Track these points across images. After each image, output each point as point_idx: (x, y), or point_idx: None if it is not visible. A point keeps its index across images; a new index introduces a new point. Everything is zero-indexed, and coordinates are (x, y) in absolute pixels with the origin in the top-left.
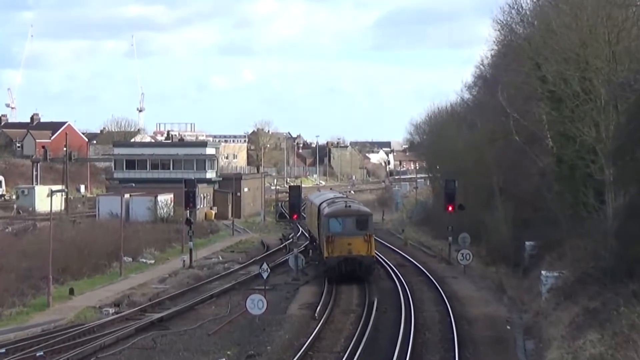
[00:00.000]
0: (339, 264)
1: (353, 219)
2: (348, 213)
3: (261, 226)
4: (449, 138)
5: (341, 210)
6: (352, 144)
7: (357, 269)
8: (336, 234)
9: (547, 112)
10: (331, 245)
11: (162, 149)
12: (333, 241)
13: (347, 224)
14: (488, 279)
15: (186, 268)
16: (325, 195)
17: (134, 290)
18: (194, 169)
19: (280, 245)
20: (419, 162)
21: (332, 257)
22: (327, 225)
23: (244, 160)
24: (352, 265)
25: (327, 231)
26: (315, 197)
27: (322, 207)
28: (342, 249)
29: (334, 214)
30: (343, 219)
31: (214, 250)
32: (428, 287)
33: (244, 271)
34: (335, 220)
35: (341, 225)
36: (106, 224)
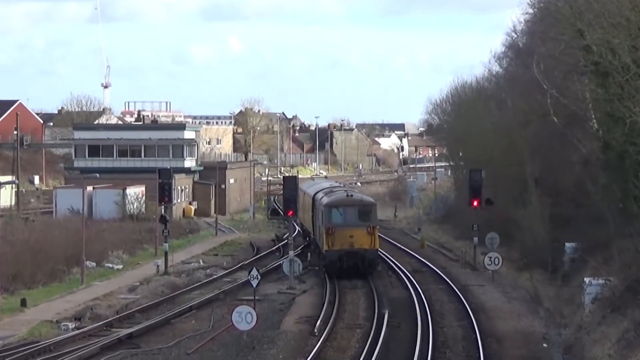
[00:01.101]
0: (340, 258)
1: (355, 209)
2: (350, 203)
3: (250, 224)
4: (475, 119)
5: (342, 199)
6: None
7: (359, 264)
8: (337, 226)
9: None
10: (331, 237)
11: (132, 133)
12: (333, 233)
13: (349, 214)
14: (521, 287)
15: (160, 274)
16: (320, 184)
17: (99, 301)
18: (170, 156)
19: (272, 247)
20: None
21: (332, 250)
22: (327, 215)
23: (230, 145)
24: (354, 259)
25: (328, 222)
26: (309, 186)
27: (318, 197)
28: (343, 242)
29: (334, 203)
30: (344, 209)
31: (194, 253)
32: (449, 297)
33: (230, 278)
34: (336, 211)
35: (342, 216)
36: (65, 222)
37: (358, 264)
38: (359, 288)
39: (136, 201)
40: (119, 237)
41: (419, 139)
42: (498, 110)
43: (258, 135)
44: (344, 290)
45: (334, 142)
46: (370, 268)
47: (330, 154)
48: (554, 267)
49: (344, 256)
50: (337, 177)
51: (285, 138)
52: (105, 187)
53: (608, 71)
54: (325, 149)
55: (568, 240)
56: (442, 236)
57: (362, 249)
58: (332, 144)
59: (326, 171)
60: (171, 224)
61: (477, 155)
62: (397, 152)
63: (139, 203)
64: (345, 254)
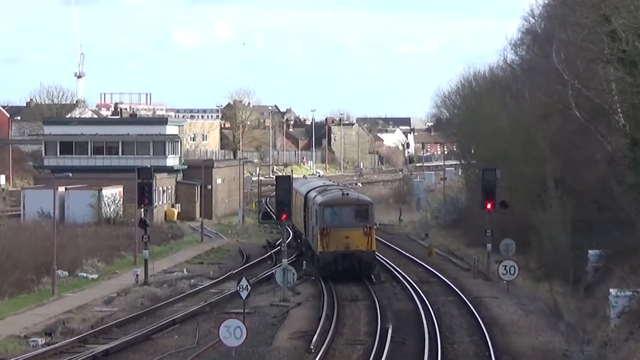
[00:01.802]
0: (335, 260)
1: (351, 209)
2: (345, 202)
3: (239, 229)
4: (488, 113)
5: (337, 198)
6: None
7: (355, 266)
8: (332, 226)
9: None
10: (326, 238)
11: (108, 128)
12: (328, 234)
13: (345, 214)
14: (539, 299)
15: (140, 285)
16: (313, 182)
17: (71, 314)
18: (150, 153)
19: (264, 254)
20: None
21: (327, 252)
22: (321, 215)
23: (217, 142)
24: (350, 261)
25: (322, 222)
26: (301, 185)
27: (310, 196)
28: (338, 243)
29: (329, 202)
30: (340, 209)
31: (177, 261)
32: (460, 311)
33: (217, 289)
34: (330, 210)
35: (338, 216)
36: (34, 226)
37: (354, 266)
38: (360, 300)
39: (113, 203)
40: (94, 244)
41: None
42: (514, 102)
43: (248, 130)
44: (344, 302)
45: (332, 138)
46: (366, 270)
47: (328, 152)
48: (576, 277)
49: (339, 258)
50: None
51: (278, 134)
52: (79, 188)
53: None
54: (322, 146)
55: (591, 247)
56: (452, 243)
57: (359, 250)
58: (330, 141)
59: (323, 170)
60: (152, 229)
61: (490, 152)
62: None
63: (116, 205)
64: (340, 255)
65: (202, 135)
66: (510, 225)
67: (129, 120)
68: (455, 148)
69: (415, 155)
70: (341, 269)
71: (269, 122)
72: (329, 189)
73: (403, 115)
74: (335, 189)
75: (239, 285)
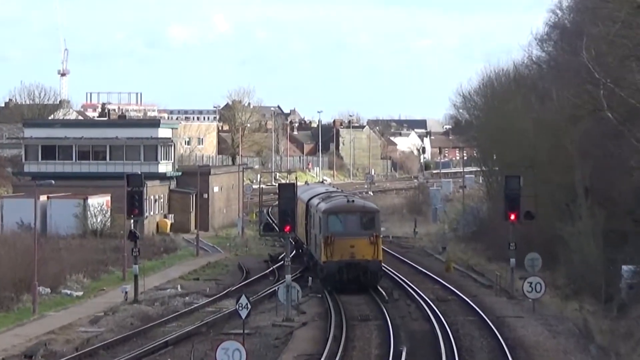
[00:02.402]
0: (340, 270)
1: (357, 217)
2: (351, 209)
3: (238, 242)
4: (512, 115)
5: (343, 205)
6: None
7: (360, 276)
8: (337, 234)
9: None
10: (330, 247)
11: (95, 130)
12: (332, 243)
13: (350, 222)
14: (568, 319)
15: (129, 303)
16: (316, 189)
17: (54, 335)
18: (141, 159)
19: (266, 270)
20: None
21: (331, 261)
22: (325, 223)
23: (214, 146)
24: (356, 271)
25: (326, 231)
26: (302, 191)
27: (313, 203)
28: (343, 252)
29: (333, 210)
30: (345, 216)
31: (170, 277)
32: (481, 332)
33: (214, 307)
34: (335, 218)
35: (342, 224)
36: (13, 238)
37: (359, 276)
38: (371, 320)
39: (100, 214)
40: (79, 258)
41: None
42: (540, 103)
43: (248, 133)
44: (353, 322)
45: (340, 142)
46: (372, 281)
47: (336, 157)
48: (608, 294)
49: (344, 268)
50: (344, 185)
51: (281, 137)
52: (62, 197)
53: None
54: (329, 151)
55: (625, 262)
56: (471, 257)
57: (364, 260)
58: (338, 145)
59: (331, 177)
60: (142, 242)
61: (514, 158)
62: (418, 154)
63: (104, 216)
64: (345, 265)
65: (197, 138)
66: (535, 238)
67: (118, 123)
68: (476, 153)
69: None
70: (346, 280)
71: (271, 125)
72: (332, 196)
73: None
74: (340, 195)
75: (238, 304)
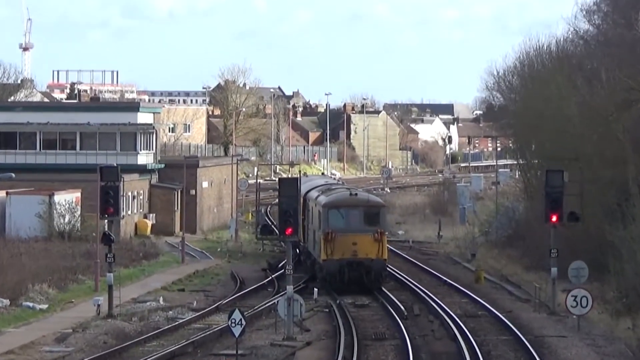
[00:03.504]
0: (341, 269)
1: (360, 211)
2: (354, 203)
3: (231, 247)
4: (554, 99)
5: (345, 199)
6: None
7: (363, 276)
8: (338, 230)
9: None
10: (330, 245)
11: (63, 115)
12: (333, 240)
13: (353, 217)
14: (619, 339)
15: (103, 318)
16: (314, 181)
17: (13, 355)
18: (117, 148)
19: (264, 279)
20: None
21: (331, 260)
22: (325, 218)
23: (203, 134)
24: (358, 271)
25: (326, 226)
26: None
27: (312, 196)
28: (344, 250)
29: (335, 203)
30: (347, 211)
31: (151, 287)
32: (516, 354)
33: (202, 324)
34: (336, 213)
35: (344, 219)
36: None
37: (362, 276)
38: (387, 339)
39: (68, 213)
40: (44, 264)
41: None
42: (587, 85)
43: (243, 119)
44: (366, 342)
45: (351, 130)
46: (376, 282)
47: (347, 147)
48: None
49: (345, 267)
50: (356, 181)
51: (282, 124)
52: (24, 193)
53: None
54: (339, 140)
55: None
56: (506, 266)
57: (368, 258)
58: (350, 133)
59: (340, 171)
60: (118, 246)
61: (557, 149)
62: (443, 144)
63: (72, 215)
64: (347, 264)
65: (184, 125)
66: (581, 244)
67: (90, 106)
68: (512, 143)
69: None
70: (347, 280)
71: (271, 109)
72: (333, 188)
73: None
74: (341, 188)
75: (231, 320)
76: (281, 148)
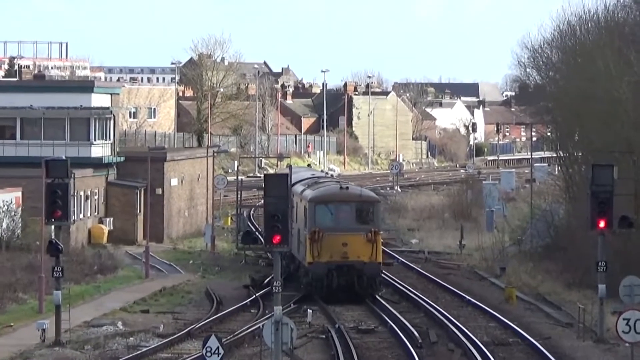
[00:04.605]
0: (329, 274)
1: (351, 207)
2: (344, 198)
3: (206, 259)
4: (602, 77)
5: (333, 193)
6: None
7: (355, 282)
8: (326, 229)
9: None
10: (317, 245)
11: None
12: (320, 239)
13: (343, 214)
14: None
15: (48, 345)
16: (299, 173)
17: None
18: (66, 138)
19: (246, 299)
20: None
21: (318, 263)
22: (311, 215)
23: (172, 120)
24: (349, 275)
25: (312, 224)
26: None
27: (296, 190)
28: (333, 252)
29: (322, 198)
30: (336, 207)
31: (108, 308)
32: None
33: (170, 353)
34: (324, 209)
35: (333, 216)
36: None
37: (353, 282)
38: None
39: (6, 216)
40: None
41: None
42: None
43: (221, 102)
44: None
45: (354, 115)
46: (369, 289)
47: (348, 137)
48: None
49: (334, 271)
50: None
51: (269, 108)
52: None
53: None
54: (338, 128)
55: None
56: (543, 282)
57: (360, 261)
58: (352, 119)
59: (340, 165)
60: (68, 257)
61: (605, 139)
62: (466, 133)
63: (11, 220)
64: (336, 268)
65: (148, 109)
66: (636, 255)
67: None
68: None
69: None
70: (336, 286)
71: (255, 90)
72: (321, 182)
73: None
74: (330, 181)
75: (206, 348)
76: (267, 137)
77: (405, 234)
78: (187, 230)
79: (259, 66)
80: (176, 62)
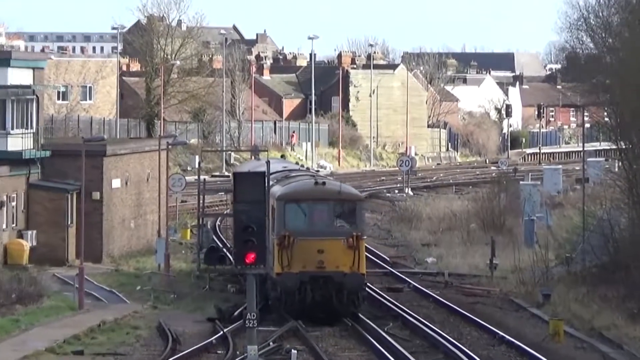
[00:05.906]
0: (302, 287)
1: (329, 207)
2: (320, 195)
3: (159, 284)
4: None
5: (307, 190)
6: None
7: (333, 297)
8: (298, 233)
9: None
10: (287, 252)
11: None
12: (291, 246)
13: (319, 215)
14: None
15: None
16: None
17: None
18: None
19: (210, 336)
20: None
21: (288, 274)
22: (280, 216)
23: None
24: (326, 289)
25: (281, 227)
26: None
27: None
28: (307, 261)
29: (293, 196)
30: (311, 206)
31: (30, 348)
32: None
33: None
34: (296, 208)
35: (307, 218)
36: None
37: (331, 297)
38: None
39: None
40: None
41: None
42: None
43: (178, 78)
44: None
45: (351, 95)
46: (350, 305)
47: (344, 124)
48: None
49: (307, 284)
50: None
51: (240, 85)
52: None
53: None
54: (331, 112)
55: None
56: (599, 313)
57: (339, 272)
58: (348, 101)
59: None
60: None
61: None
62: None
63: None
64: (310, 280)
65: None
66: None
67: None
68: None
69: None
70: (311, 301)
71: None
72: (293, 176)
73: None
74: (305, 175)
75: None
76: (238, 125)
77: (419, 251)
78: (133, 247)
79: (226, 32)
80: (118, 26)
